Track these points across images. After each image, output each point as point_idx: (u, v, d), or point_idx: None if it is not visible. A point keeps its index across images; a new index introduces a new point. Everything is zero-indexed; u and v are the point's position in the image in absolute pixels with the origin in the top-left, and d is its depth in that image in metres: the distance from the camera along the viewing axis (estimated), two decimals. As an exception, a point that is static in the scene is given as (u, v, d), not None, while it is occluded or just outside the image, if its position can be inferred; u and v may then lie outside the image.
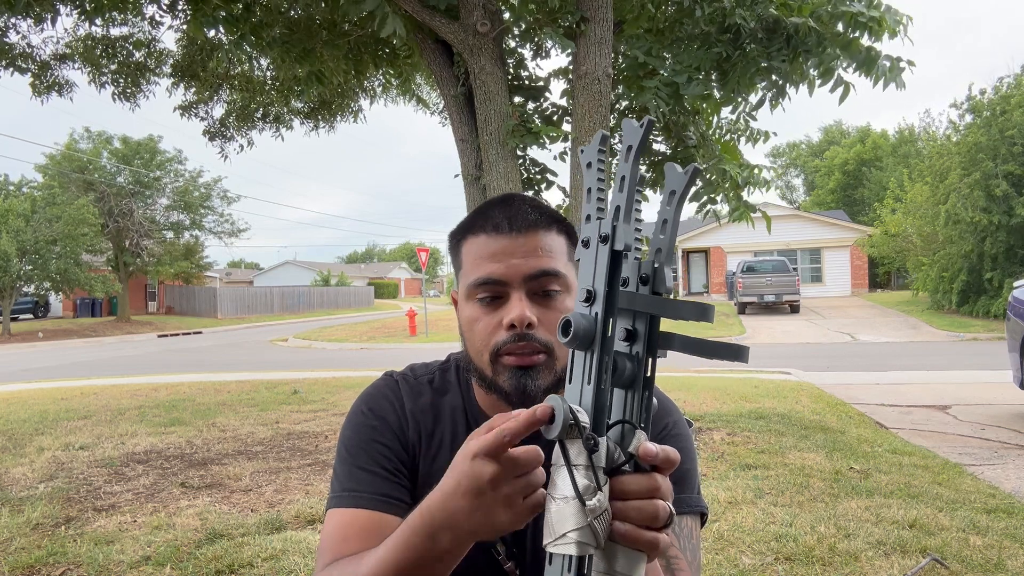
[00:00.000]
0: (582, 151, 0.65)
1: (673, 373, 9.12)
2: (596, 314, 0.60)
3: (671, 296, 0.61)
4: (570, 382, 0.61)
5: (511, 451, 0.63)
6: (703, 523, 1.02)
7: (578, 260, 0.63)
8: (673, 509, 0.62)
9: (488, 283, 0.93)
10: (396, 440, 1.00)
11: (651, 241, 0.62)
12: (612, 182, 0.63)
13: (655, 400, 1.04)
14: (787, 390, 7.42)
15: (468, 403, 1.05)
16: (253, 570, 2.87)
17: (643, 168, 5.77)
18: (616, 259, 0.61)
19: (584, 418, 0.58)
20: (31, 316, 32.04)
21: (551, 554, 0.58)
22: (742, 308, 21.95)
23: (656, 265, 0.61)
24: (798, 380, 8.44)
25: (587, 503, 0.57)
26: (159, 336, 24.45)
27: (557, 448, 0.59)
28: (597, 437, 0.58)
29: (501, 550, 0.96)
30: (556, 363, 0.93)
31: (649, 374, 0.62)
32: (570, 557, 0.57)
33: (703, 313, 0.58)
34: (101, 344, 21.49)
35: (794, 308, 21.44)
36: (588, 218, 0.63)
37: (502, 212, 0.97)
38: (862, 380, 8.56)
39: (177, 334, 25.03)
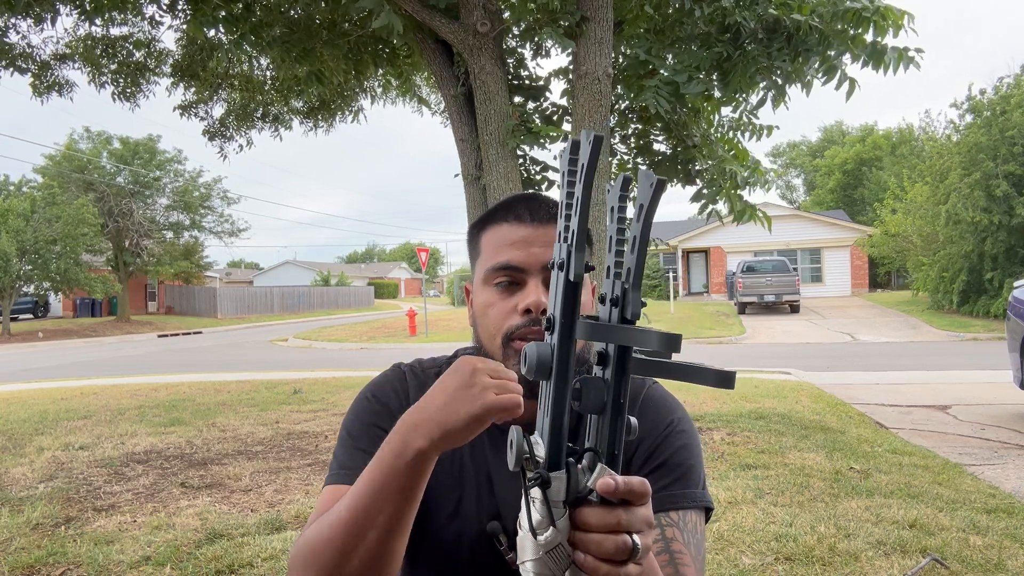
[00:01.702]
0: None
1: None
2: (553, 344, 0.58)
3: (640, 318, 0.59)
4: (540, 408, 0.60)
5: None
6: (708, 518, 1.02)
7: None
8: (639, 543, 0.60)
9: (507, 268, 0.96)
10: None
11: (625, 260, 0.59)
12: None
13: (661, 399, 1.04)
14: (787, 390, 7.42)
15: None
16: (253, 570, 2.87)
17: (643, 167, 5.76)
18: (572, 288, 0.58)
19: (540, 451, 0.57)
20: (31, 316, 32.03)
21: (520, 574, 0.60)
22: (742, 308, 21.95)
23: (625, 287, 0.58)
24: (798, 380, 8.44)
25: (538, 537, 0.57)
26: (159, 336, 24.44)
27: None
28: (546, 474, 0.57)
29: (503, 540, 0.96)
30: None
31: (622, 399, 0.60)
32: None
33: (670, 344, 0.56)
34: (101, 344, 21.49)
35: (794, 308, 21.45)
36: (559, 235, 0.61)
37: (524, 205, 0.99)
38: (862, 380, 8.55)
39: (177, 334, 25.03)
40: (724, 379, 0.57)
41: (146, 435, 5.78)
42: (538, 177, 5.18)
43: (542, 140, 4.56)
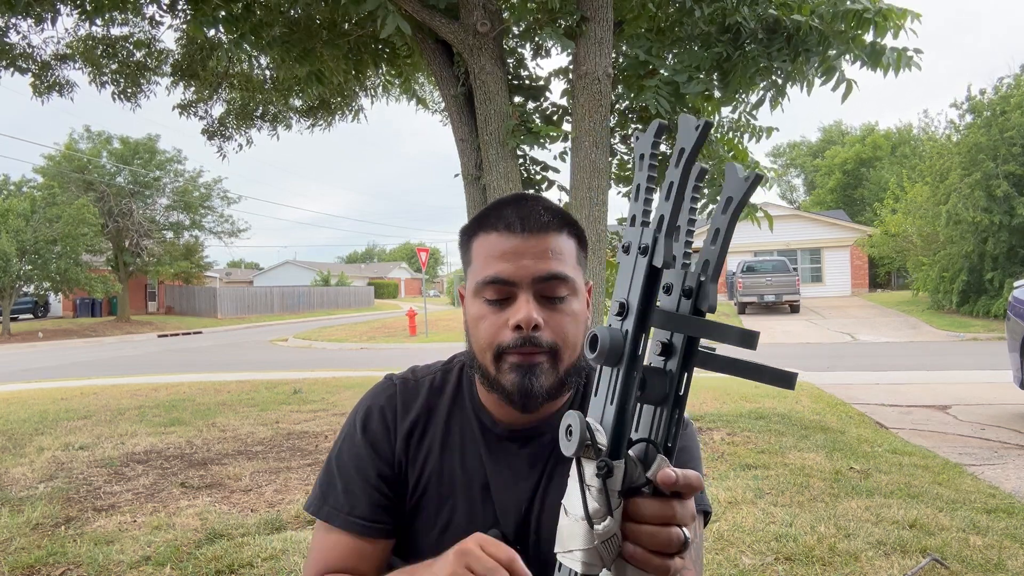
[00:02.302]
0: (636, 138, 0.60)
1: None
2: (627, 331, 0.56)
3: (714, 313, 0.58)
4: (595, 395, 0.58)
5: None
6: (707, 522, 1.02)
7: (619, 263, 0.60)
8: (689, 535, 0.60)
9: (496, 282, 0.93)
10: (383, 462, 1.03)
11: (701, 252, 0.58)
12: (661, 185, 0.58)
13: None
14: (787, 390, 7.40)
15: (469, 398, 1.05)
16: (253, 570, 2.86)
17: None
18: (653, 275, 0.56)
19: (601, 439, 0.55)
20: (31, 316, 32.03)
21: (560, 562, 0.58)
22: (742, 308, 21.95)
23: (702, 279, 0.57)
24: (798, 380, 8.42)
25: (595, 527, 0.56)
26: (159, 336, 24.44)
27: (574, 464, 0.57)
28: (611, 463, 0.56)
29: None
30: (560, 365, 0.93)
31: (682, 392, 0.59)
32: (574, 572, 0.57)
33: (747, 340, 0.55)
34: (101, 344, 21.49)
35: (794, 308, 21.44)
36: (633, 220, 0.58)
37: (515, 212, 0.96)
38: (862, 380, 8.55)
39: (177, 334, 25.03)
40: (784, 379, 0.56)
41: (146, 435, 5.78)
42: (538, 177, 5.18)
43: (542, 140, 4.56)
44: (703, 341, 0.59)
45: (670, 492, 0.59)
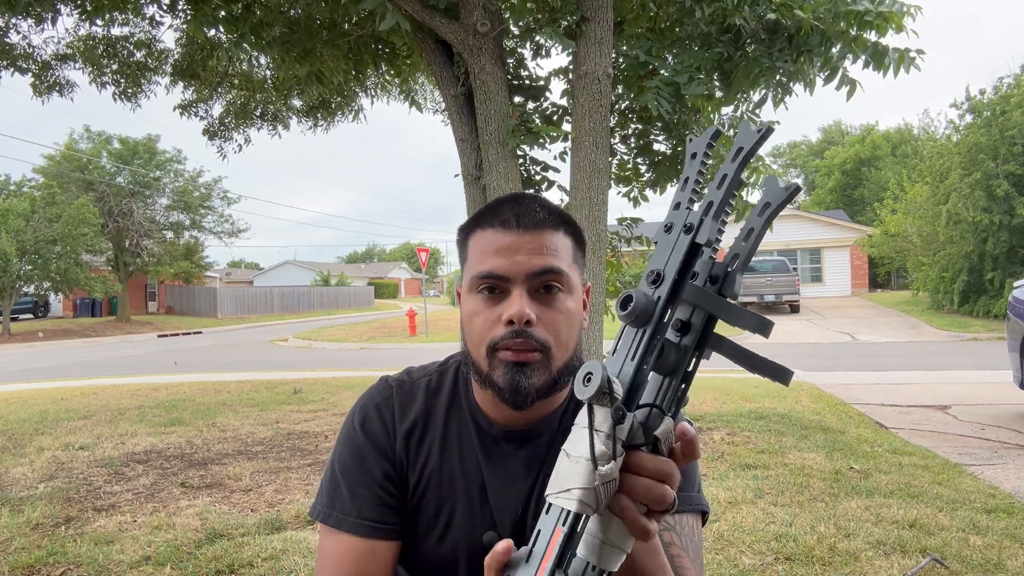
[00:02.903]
0: (690, 140, 0.66)
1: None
2: (659, 297, 0.61)
3: (737, 299, 0.62)
4: (613, 353, 0.62)
5: None
6: (704, 522, 1.02)
7: (655, 243, 0.64)
8: (676, 498, 0.64)
9: (491, 277, 0.93)
10: (385, 461, 1.02)
11: (732, 246, 0.62)
12: (710, 179, 0.64)
13: None
14: (787, 390, 7.42)
15: (465, 399, 1.05)
16: (253, 570, 2.87)
17: (643, 168, 5.76)
18: (694, 251, 0.61)
19: (618, 389, 0.59)
20: (31, 316, 32.03)
21: (550, 504, 0.61)
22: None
23: (730, 269, 0.61)
24: (798, 380, 8.44)
25: (599, 468, 0.59)
26: (159, 336, 24.44)
27: (582, 409, 0.61)
28: (624, 409, 0.60)
29: None
30: (552, 363, 0.93)
31: (691, 368, 0.62)
32: (568, 512, 0.59)
33: (762, 326, 0.59)
34: (101, 344, 21.49)
35: (794, 308, 21.44)
36: (678, 206, 0.63)
37: (511, 209, 0.96)
38: (862, 380, 8.55)
39: (177, 334, 25.03)
40: (781, 374, 0.60)
41: (146, 435, 5.78)
42: (538, 177, 5.18)
43: (542, 140, 4.56)
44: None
45: (668, 451, 0.63)
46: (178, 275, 31.65)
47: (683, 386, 0.62)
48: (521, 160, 4.92)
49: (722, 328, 0.64)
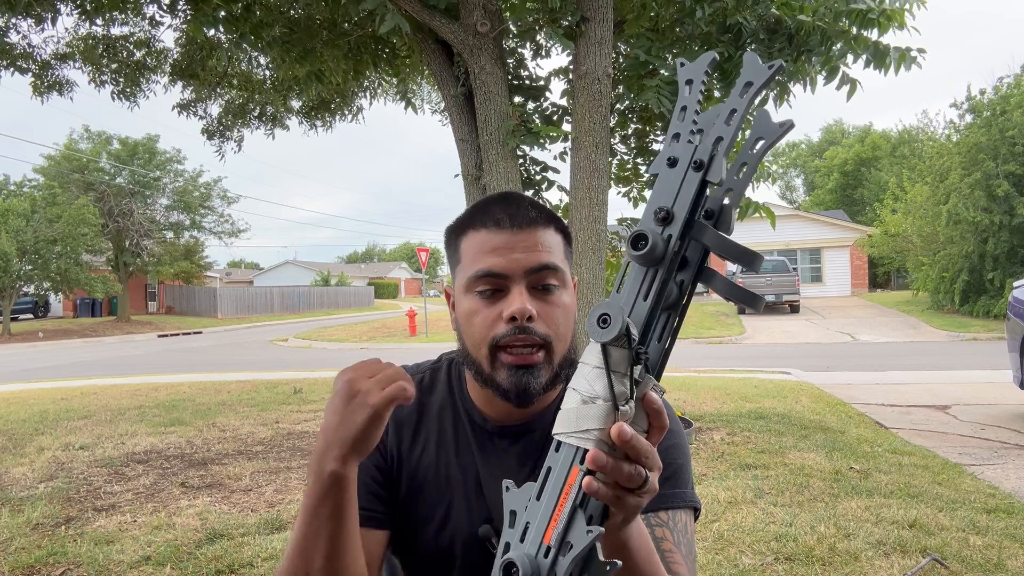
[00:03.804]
0: (682, 64, 0.64)
1: (675, 373, 9.12)
2: (670, 236, 0.60)
3: (731, 234, 0.62)
4: (618, 291, 0.62)
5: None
6: (696, 518, 1.03)
7: (655, 175, 0.62)
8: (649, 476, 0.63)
9: (489, 276, 0.94)
10: (377, 454, 1.03)
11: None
12: (704, 111, 0.62)
13: None
14: (787, 390, 7.42)
15: (459, 396, 1.06)
16: (253, 570, 2.87)
17: (643, 168, 5.76)
18: (703, 189, 0.60)
19: (635, 331, 0.59)
20: (31, 316, 32.02)
21: (559, 443, 0.61)
22: (742, 308, 21.94)
23: (725, 203, 0.60)
24: (798, 380, 8.44)
25: (620, 408, 0.59)
26: (159, 336, 24.45)
27: (592, 349, 0.60)
28: (645, 351, 0.59)
29: (495, 542, 0.97)
30: (554, 358, 0.94)
31: (686, 302, 0.63)
32: (584, 450, 0.59)
33: (750, 261, 0.59)
34: (101, 344, 21.49)
35: (794, 308, 21.45)
36: (677, 136, 0.62)
37: (502, 209, 0.97)
38: (862, 380, 8.55)
39: (177, 334, 25.03)
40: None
41: (146, 435, 5.78)
42: (538, 177, 5.18)
43: (542, 140, 4.56)
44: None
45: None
46: (178, 275, 31.65)
47: (677, 321, 0.62)
48: (521, 160, 4.92)
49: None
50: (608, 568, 0.60)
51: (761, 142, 0.60)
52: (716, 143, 0.60)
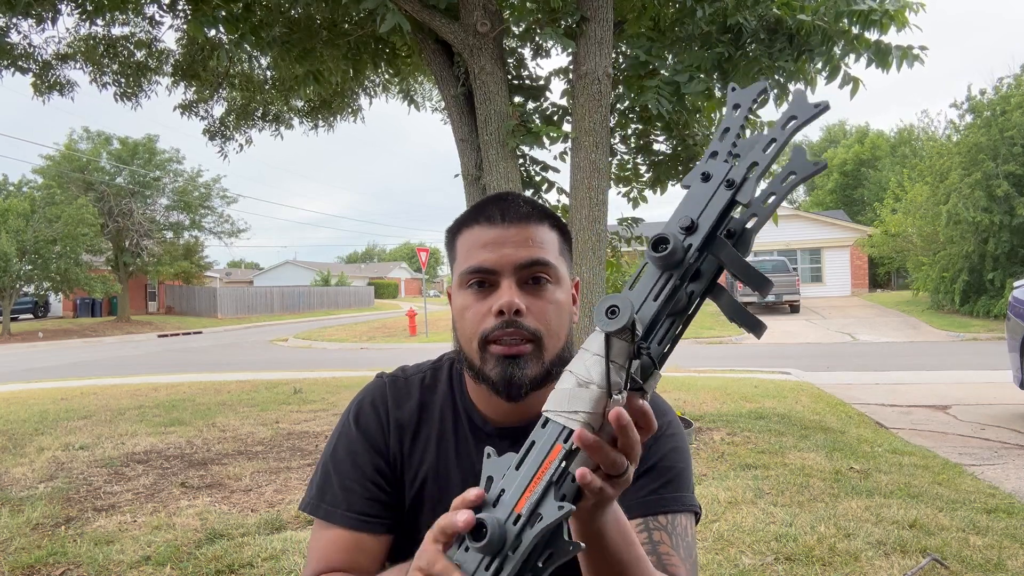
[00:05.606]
0: (733, 89, 0.67)
1: (675, 373, 9.12)
2: (691, 245, 0.62)
3: (748, 256, 0.64)
4: (631, 288, 0.64)
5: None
6: (696, 521, 1.03)
7: (687, 187, 0.64)
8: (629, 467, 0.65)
9: (479, 271, 0.95)
10: (378, 456, 1.03)
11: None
12: (745, 137, 0.65)
13: (652, 401, 1.05)
14: (787, 390, 7.42)
15: (459, 397, 1.06)
16: (253, 570, 2.87)
17: (643, 168, 5.76)
18: (730, 208, 0.62)
19: (639, 328, 0.61)
20: (31, 316, 32.01)
21: (547, 419, 0.63)
22: (742, 308, 21.93)
23: (747, 227, 0.63)
24: (798, 380, 8.44)
25: (613, 396, 0.61)
26: (159, 336, 24.44)
27: (595, 337, 0.62)
28: (646, 349, 0.62)
29: None
30: (544, 353, 0.93)
31: (691, 312, 0.64)
32: (571, 431, 0.62)
33: (760, 285, 0.62)
34: (101, 344, 21.49)
35: (794, 308, 21.43)
36: (715, 154, 0.64)
37: (496, 206, 0.98)
38: (862, 380, 8.55)
39: (177, 334, 25.03)
40: (756, 327, 0.62)
41: (146, 435, 5.78)
42: (538, 177, 5.18)
43: (542, 140, 4.56)
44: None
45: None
46: (178, 275, 31.64)
47: (681, 328, 0.64)
48: (521, 160, 4.92)
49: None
50: (571, 548, 0.62)
51: (792, 176, 0.62)
52: (751, 167, 0.63)
